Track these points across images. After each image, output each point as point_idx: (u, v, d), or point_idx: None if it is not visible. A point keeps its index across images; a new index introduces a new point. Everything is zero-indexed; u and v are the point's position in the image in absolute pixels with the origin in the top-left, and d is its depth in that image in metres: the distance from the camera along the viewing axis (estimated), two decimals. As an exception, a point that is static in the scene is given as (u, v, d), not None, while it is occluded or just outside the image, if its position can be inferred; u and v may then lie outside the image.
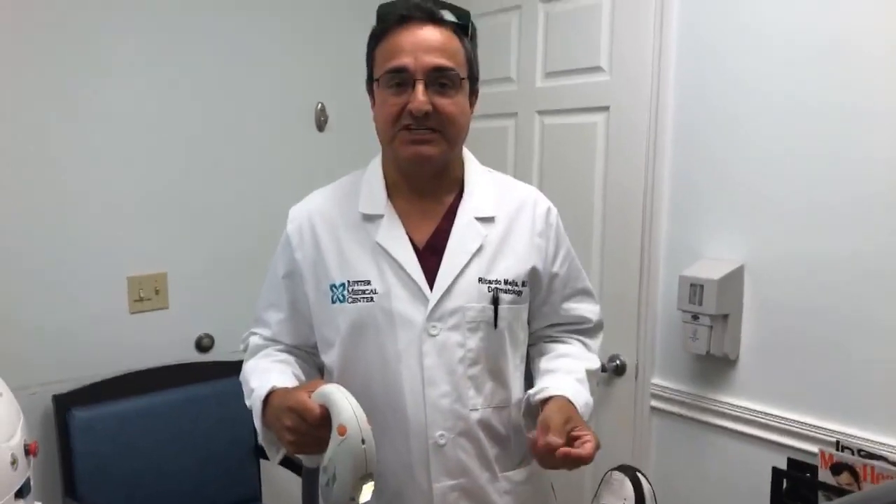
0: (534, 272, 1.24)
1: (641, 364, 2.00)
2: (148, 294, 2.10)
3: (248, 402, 1.21)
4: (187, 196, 2.16)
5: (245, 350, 1.34)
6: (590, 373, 1.27)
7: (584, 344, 1.34)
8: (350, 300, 1.17)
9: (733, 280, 1.75)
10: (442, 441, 1.16)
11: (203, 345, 2.23)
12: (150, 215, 2.10)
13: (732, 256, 1.79)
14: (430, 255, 1.19)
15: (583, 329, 1.35)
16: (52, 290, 1.95)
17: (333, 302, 1.19)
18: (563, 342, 1.33)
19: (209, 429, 2.13)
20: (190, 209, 2.17)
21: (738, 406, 1.80)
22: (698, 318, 1.77)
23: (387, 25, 1.15)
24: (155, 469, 2.01)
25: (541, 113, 2.20)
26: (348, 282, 1.18)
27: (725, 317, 1.76)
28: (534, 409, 1.19)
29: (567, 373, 1.23)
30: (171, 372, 2.14)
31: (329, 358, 1.23)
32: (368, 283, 1.17)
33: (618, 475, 1.13)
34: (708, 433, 1.87)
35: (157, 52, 2.08)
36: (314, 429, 1.00)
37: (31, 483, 0.93)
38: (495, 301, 1.18)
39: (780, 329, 1.72)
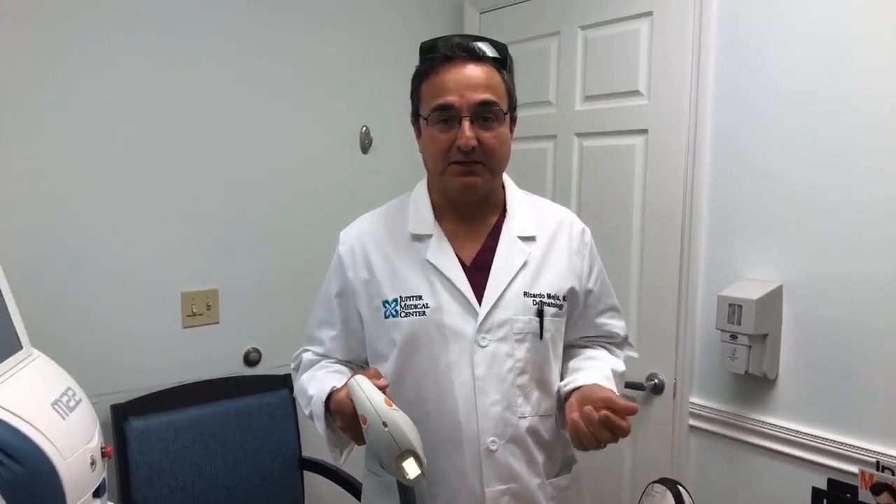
0: (572, 288, 1.32)
1: (680, 383, 2.02)
2: (200, 309, 2.19)
3: (307, 411, 1.28)
4: (238, 216, 2.25)
5: (296, 368, 1.41)
6: (615, 373, 1.32)
7: (611, 351, 1.41)
8: (403, 314, 1.24)
9: (772, 300, 1.77)
10: (493, 447, 1.22)
11: (251, 359, 2.30)
12: (204, 234, 2.20)
13: (771, 276, 1.80)
14: (477, 271, 1.26)
15: (615, 342, 1.43)
16: (111, 304, 2.05)
17: (387, 317, 1.26)
18: (590, 348, 1.40)
19: (255, 440, 2.20)
20: (240, 228, 2.26)
21: (777, 426, 1.80)
22: (737, 337, 1.78)
23: (432, 65, 1.22)
24: (204, 478, 2.09)
25: (579, 135, 2.25)
26: (400, 297, 1.25)
27: (764, 336, 1.77)
28: (563, 402, 1.24)
29: (595, 370, 1.29)
30: (221, 384, 2.22)
31: (382, 371, 1.27)
32: (420, 297, 1.24)
33: (659, 488, 1.16)
34: (747, 452, 1.88)
35: (215, 77, 2.18)
36: (356, 424, 1.08)
37: (106, 484, 1.00)
38: (540, 313, 1.26)
39: (819, 349, 1.72)
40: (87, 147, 2.00)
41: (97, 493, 0.95)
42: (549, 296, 1.28)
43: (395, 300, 1.25)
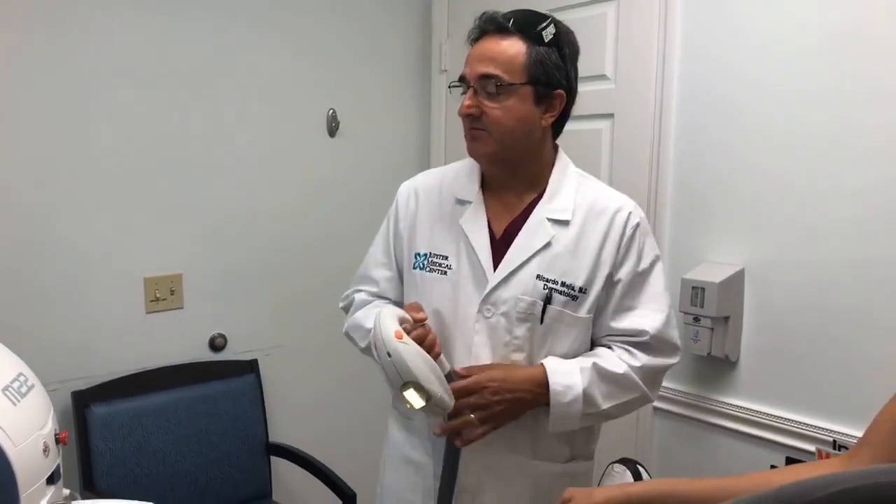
0: (597, 280, 1.28)
1: (644, 365, 2.04)
2: (163, 294, 2.16)
3: (363, 344, 1.37)
4: (202, 200, 2.21)
5: (347, 308, 1.48)
6: (601, 370, 1.26)
7: (629, 352, 1.30)
8: (428, 269, 1.33)
9: (734, 283, 1.79)
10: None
11: (216, 344, 2.28)
12: (166, 218, 2.16)
13: (733, 260, 1.83)
14: (503, 245, 1.30)
15: (637, 342, 1.30)
16: (72, 289, 2.01)
17: (414, 268, 1.35)
18: (606, 346, 1.33)
19: (221, 426, 2.18)
20: (204, 212, 2.22)
21: (737, 406, 1.84)
22: (700, 320, 1.81)
23: (473, 38, 1.29)
24: (169, 464, 2.07)
25: (548, 119, 2.25)
26: (430, 253, 1.33)
27: (726, 319, 1.80)
28: None
29: (575, 361, 1.28)
30: (186, 370, 2.20)
31: None
32: (446, 258, 1.32)
33: (619, 467, 1.17)
34: (709, 433, 1.91)
35: (173, 58, 2.13)
36: None
37: (61, 470, 0.98)
38: (547, 299, 1.26)
39: (779, 331, 1.76)
40: (46, 129, 1.95)
41: (51, 480, 0.94)
42: (563, 283, 1.26)
43: (426, 255, 1.33)
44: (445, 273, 1.31)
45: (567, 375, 1.24)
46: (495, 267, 1.28)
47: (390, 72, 2.55)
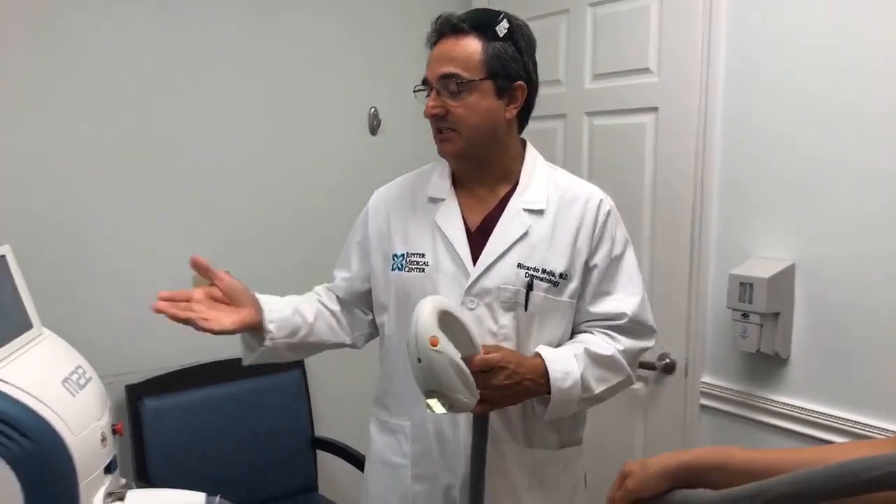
0: (575, 266, 1.32)
1: (691, 362, 2.01)
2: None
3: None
4: (247, 199, 2.26)
5: None
6: (593, 354, 1.30)
7: (610, 336, 1.34)
8: (406, 269, 1.34)
9: (784, 278, 1.75)
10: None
11: (263, 340, 2.32)
12: (217, 216, 2.21)
13: (783, 255, 1.78)
14: (480, 238, 1.32)
15: (616, 326, 1.35)
16: (126, 285, 2.08)
17: (393, 269, 1.36)
18: (588, 332, 1.37)
19: (268, 420, 2.23)
20: (252, 212, 2.27)
21: (789, 405, 1.80)
22: (748, 316, 1.77)
23: (431, 42, 1.32)
24: (218, 457, 2.12)
25: (589, 114, 2.23)
26: (407, 253, 1.35)
27: (776, 315, 1.76)
28: None
29: (567, 347, 1.31)
30: (234, 366, 2.23)
31: (382, 319, 1.40)
32: (423, 255, 1.34)
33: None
34: (758, 431, 1.87)
35: (215, 58, 2.19)
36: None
37: (118, 460, 1.02)
38: (529, 286, 1.29)
39: (831, 327, 1.71)
40: (102, 131, 2.02)
41: (108, 469, 0.97)
42: (543, 271, 1.30)
43: (403, 255, 1.35)
44: (423, 270, 1.33)
45: (563, 362, 1.27)
46: (474, 260, 1.31)
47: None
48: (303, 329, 1.35)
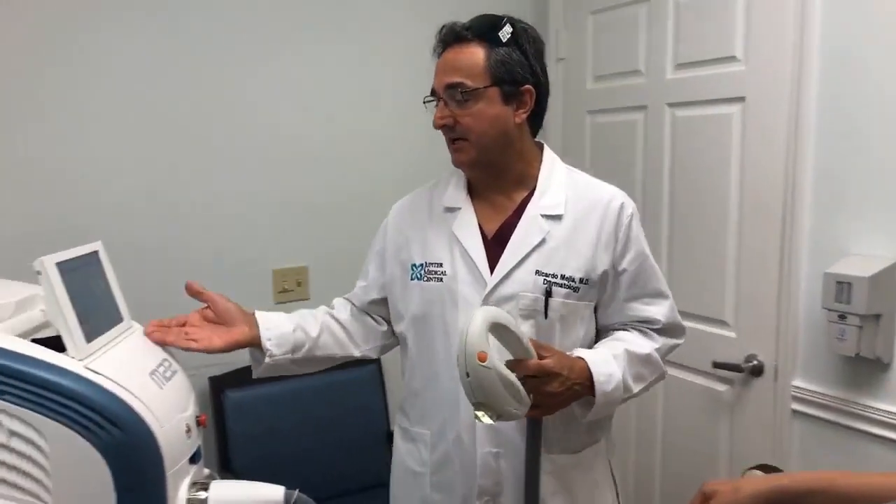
0: (596, 270, 1.31)
1: (781, 365, 1.90)
2: (291, 286, 2.26)
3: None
4: (325, 195, 2.30)
5: None
6: (632, 354, 1.30)
7: (645, 333, 1.36)
8: (425, 279, 1.35)
9: (887, 277, 1.63)
10: None
11: (340, 335, 2.35)
12: (293, 213, 2.26)
13: (885, 252, 1.66)
14: (497, 245, 1.32)
15: (651, 328, 1.37)
16: (208, 280, 2.11)
17: (412, 279, 1.37)
18: (623, 330, 1.38)
19: (345, 414, 2.26)
20: (328, 208, 2.31)
21: (891, 412, 1.68)
22: (846, 317, 1.66)
23: (437, 52, 1.33)
24: (296, 449, 2.17)
25: (671, 105, 2.15)
26: (426, 263, 1.36)
27: (877, 317, 1.64)
28: None
29: (606, 347, 1.31)
30: (312, 359, 2.29)
31: (400, 328, 1.42)
32: (441, 265, 1.34)
33: (756, 473, 1.10)
34: (856, 440, 1.76)
35: (296, 58, 2.23)
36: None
37: (202, 451, 1.04)
38: (548, 293, 1.28)
39: (941, 331, 1.58)
40: (180, 126, 2.10)
41: (193, 459, 0.99)
42: (563, 277, 1.29)
43: (422, 265, 1.36)
44: (441, 280, 1.33)
45: (605, 364, 1.26)
46: (491, 268, 1.30)
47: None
48: (306, 344, 1.36)
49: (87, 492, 0.84)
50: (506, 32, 1.27)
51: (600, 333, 1.39)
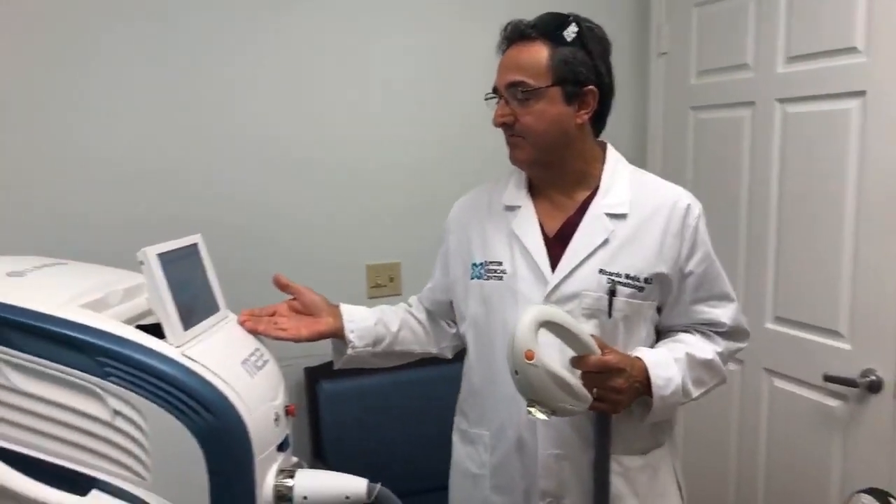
0: (661, 271, 1.29)
1: (901, 381, 1.76)
2: (384, 281, 2.31)
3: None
4: (417, 194, 2.33)
5: None
6: (693, 358, 1.28)
7: (708, 336, 1.35)
8: (485, 277, 1.35)
9: None
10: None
11: (430, 332, 2.38)
12: (387, 210, 2.31)
13: None
14: (558, 244, 1.31)
15: (715, 331, 1.36)
16: (304, 274, 2.18)
17: (472, 278, 1.38)
18: (686, 332, 1.36)
19: (434, 410, 2.26)
20: (420, 206, 2.33)
21: None
22: (978, 332, 1.51)
23: (501, 49, 1.32)
24: (385, 442, 2.20)
25: (781, 101, 2.02)
26: (486, 261, 1.36)
27: None
28: None
29: (667, 349, 1.29)
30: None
31: (463, 327, 1.42)
32: (500, 263, 1.34)
33: (867, 499, 1.02)
34: None
35: (388, 56, 2.28)
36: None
37: (290, 440, 1.08)
38: (612, 292, 1.26)
39: None
40: (282, 124, 2.18)
41: (281, 447, 1.03)
42: (627, 276, 1.27)
43: (482, 264, 1.36)
44: (501, 278, 1.33)
45: (665, 367, 1.25)
46: (553, 267, 1.29)
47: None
48: (386, 338, 1.41)
49: (181, 472, 0.89)
50: (571, 32, 1.26)
51: (661, 334, 1.38)
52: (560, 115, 1.27)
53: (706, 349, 1.31)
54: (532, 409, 1.13)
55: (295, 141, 2.19)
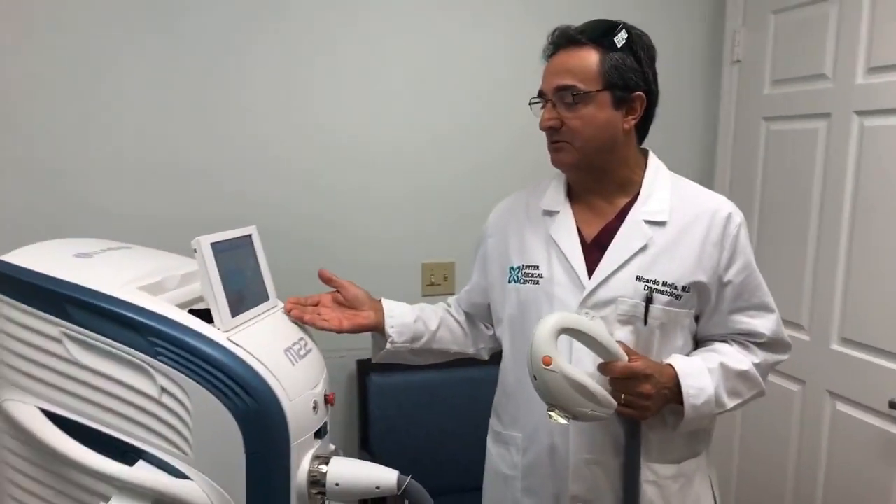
0: (699, 279, 1.26)
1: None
2: (438, 280, 2.33)
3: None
4: (472, 195, 2.34)
5: None
6: (728, 368, 1.27)
7: (746, 347, 1.32)
8: (522, 281, 1.35)
9: None
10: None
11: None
12: (443, 211, 2.33)
13: None
14: (596, 249, 1.30)
15: (753, 341, 1.33)
16: (363, 271, 2.23)
17: (510, 282, 1.38)
18: (723, 342, 1.33)
19: (479, 410, 2.26)
20: (475, 207, 2.31)
21: None
22: None
23: (547, 54, 1.31)
24: (430, 438, 2.23)
25: (860, 114, 1.93)
26: (523, 265, 1.36)
27: None
28: None
29: (701, 358, 1.27)
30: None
31: (499, 330, 1.43)
32: (537, 267, 1.34)
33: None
34: None
35: (444, 55, 2.30)
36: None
37: (328, 427, 1.11)
38: (648, 299, 1.24)
39: None
40: (338, 120, 2.22)
41: (318, 434, 1.06)
42: (664, 283, 1.26)
43: (519, 268, 1.36)
44: (538, 282, 1.33)
45: (698, 377, 1.23)
46: (590, 272, 1.28)
47: (673, 60, 2.41)
48: (425, 336, 1.42)
49: (221, 450, 0.94)
50: (621, 38, 1.25)
51: (699, 344, 1.35)
52: (608, 119, 1.26)
53: (742, 360, 1.29)
54: (552, 414, 1.14)
55: (362, 142, 2.24)
